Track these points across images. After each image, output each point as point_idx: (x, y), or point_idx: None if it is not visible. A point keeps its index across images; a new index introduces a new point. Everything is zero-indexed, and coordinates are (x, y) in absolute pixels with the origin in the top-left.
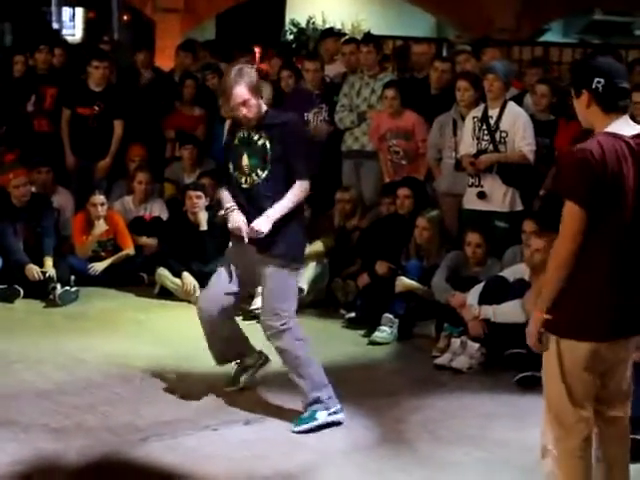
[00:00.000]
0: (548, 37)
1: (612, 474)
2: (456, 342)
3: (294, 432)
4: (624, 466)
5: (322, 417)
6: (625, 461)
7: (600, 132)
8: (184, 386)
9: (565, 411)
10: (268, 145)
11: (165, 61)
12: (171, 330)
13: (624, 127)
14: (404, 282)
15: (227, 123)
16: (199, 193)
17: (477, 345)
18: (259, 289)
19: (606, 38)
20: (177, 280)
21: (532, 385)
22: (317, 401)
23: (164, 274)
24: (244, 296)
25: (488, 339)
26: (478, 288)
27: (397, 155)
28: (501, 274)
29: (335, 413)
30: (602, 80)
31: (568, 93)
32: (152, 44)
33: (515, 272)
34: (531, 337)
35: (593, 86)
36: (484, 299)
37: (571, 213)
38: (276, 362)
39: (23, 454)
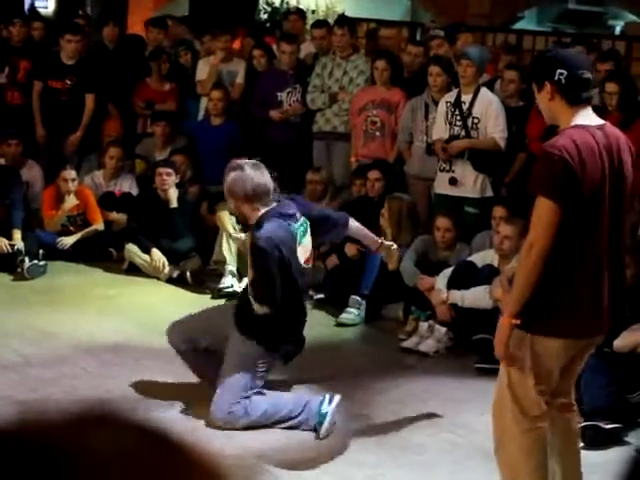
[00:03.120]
0: (522, 25)
1: (565, 460)
2: (423, 326)
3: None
4: (576, 451)
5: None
6: (576, 447)
7: (569, 126)
8: (151, 362)
9: (533, 404)
10: None
11: None
12: (139, 306)
13: (589, 119)
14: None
15: (203, 101)
16: (169, 170)
17: (444, 329)
18: (227, 267)
19: (580, 28)
20: (146, 256)
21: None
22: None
23: (133, 250)
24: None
25: (455, 324)
26: (447, 272)
27: (373, 126)
28: (470, 259)
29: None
30: (564, 72)
31: None
32: (124, 18)
33: (484, 258)
34: (500, 345)
35: (555, 77)
36: (453, 284)
37: (545, 210)
38: None
39: None
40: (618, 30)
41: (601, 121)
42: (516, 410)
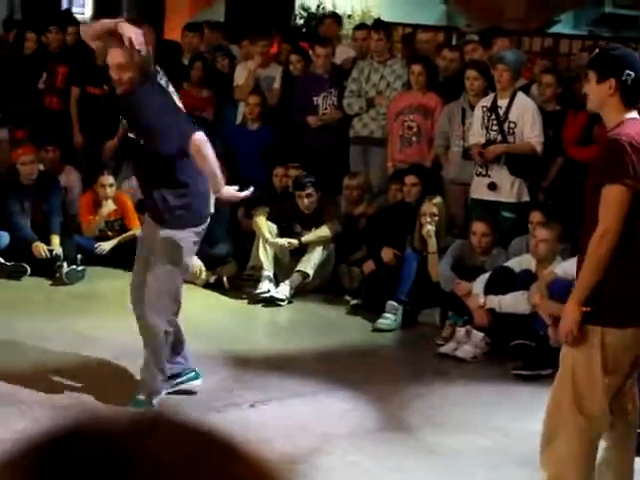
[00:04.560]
0: (558, 29)
1: (617, 467)
2: (461, 331)
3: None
4: (630, 460)
5: None
6: (631, 456)
7: (623, 119)
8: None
9: (594, 403)
10: None
11: None
12: None
13: (635, 115)
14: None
15: (241, 105)
16: None
17: (482, 335)
18: (264, 272)
19: (615, 31)
20: None
21: (532, 378)
22: None
23: None
24: None
25: (493, 329)
26: (484, 278)
27: (410, 131)
28: (507, 264)
29: None
30: (632, 74)
31: (573, 81)
32: (161, 23)
33: (521, 263)
34: (567, 332)
35: (623, 77)
36: (490, 289)
37: (616, 195)
38: (281, 347)
39: (27, 431)
40: None
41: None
42: (574, 408)
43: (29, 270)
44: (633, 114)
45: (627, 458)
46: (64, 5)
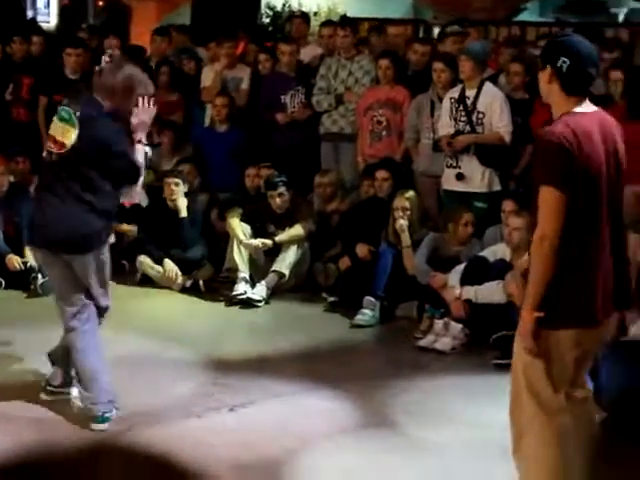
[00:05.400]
0: (525, 17)
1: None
2: (439, 323)
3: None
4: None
5: None
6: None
7: (564, 112)
8: (168, 373)
9: (551, 398)
10: None
11: None
12: (154, 317)
13: (585, 107)
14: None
15: (209, 107)
16: (177, 180)
17: (460, 326)
18: (240, 274)
19: (583, 17)
20: (158, 267)
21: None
22: None
23: (145, 261)
24: None
25: (470, 320)
26: (459, 269)
27: (379, 125)
28: (482, 254)
29: None
30: (568, 61)
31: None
32: (127, 30)
33: (496, 252)
34: (527, 339)
35: (558, 64)
36: (465, 280)
37: (550, 199)
38: (260, 348)
39: (6, 446)
40: (621, 18)
41: (595, 108)
42: (534, 405)
43: (3, 283)
44: (584, 106)
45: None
46: (29, 15)
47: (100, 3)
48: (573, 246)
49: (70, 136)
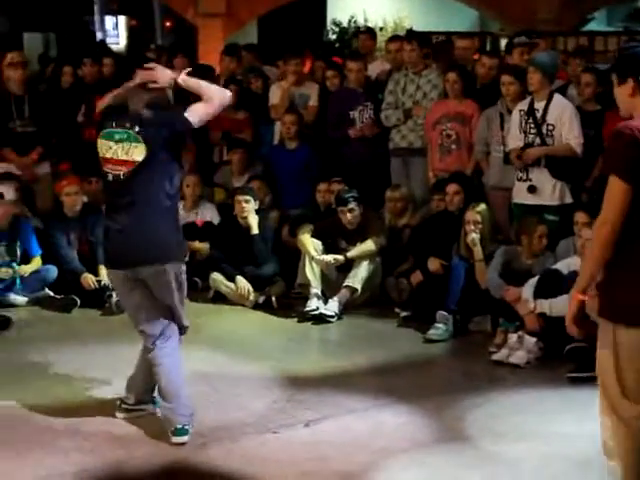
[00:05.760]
0: (592, 26)
1: None
2: (513, 337)
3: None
4: None
5: None
6: None
7: None
8: (243, 389)
9: (622, 405)
10: None
11: None
12: (227, 334)
13: None
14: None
15: (277, 125)
16: (247, 197)
17: (534, 340)
18: (312, 289)
19: None
20: (231, 284)
21: (588, 380)
22: None
23: (218, 279)
24: None
25: (545, 333)
26: (532, 282)
27: (448, 139)
28: (555, 267)
29: None
30: None
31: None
32: (195, 49)
33: (569, 265)
34: (569, 321)
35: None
36: (539, 293)
37: (614, 188)
38: (333, 364)
39: (87, 463)
40: None
41: None
42: (609, 410)
43: (79, 302)
44: None
45: None
46: (98, 37)
47: (168, 24)
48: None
49: (138, 152)
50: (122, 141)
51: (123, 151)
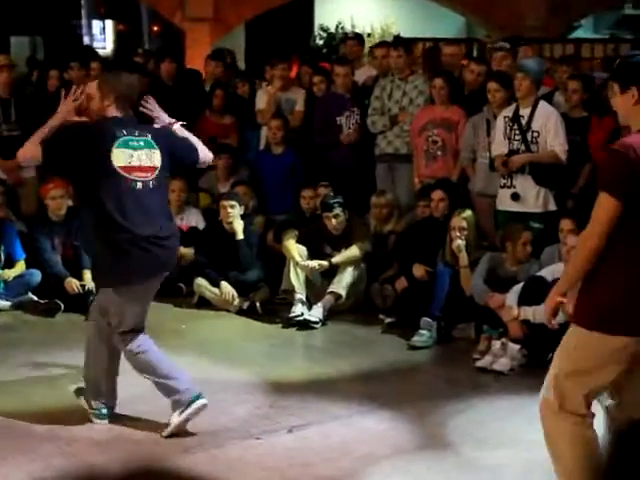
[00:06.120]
0: (579, 34)
1: None
2: (496, 344)
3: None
4: None
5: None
6: None
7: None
8: (226, 395)
9: (575, 399)
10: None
11: None
12: (211, 339)
13: None
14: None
15: (263, 130)
16: (232, 202)
17: (518, 347)
18: (296, 295)
19: (637, 33)
20: (215, 289)
21: None
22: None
23: (202, 284)
24: None
25: (528, 340)
26: (517, 289)
27: (434, 145)
28: (539, 274)
29: None
30: None
31: (600, 88)
32: (182, 53)
33: (554, 272)
34: (547, 314)
35: None
36: (523, 300)
37: (604, 203)
38: (317, 370)
39: (69, 468)
40: None
41: None
42: (556, 404)
43: (62, 307)
44: None
45: None
46: (85, 41)
47: (155, 28)
48: (629, 252)
49: (157, 157)
50: (141, 148)
51: (147, 157)
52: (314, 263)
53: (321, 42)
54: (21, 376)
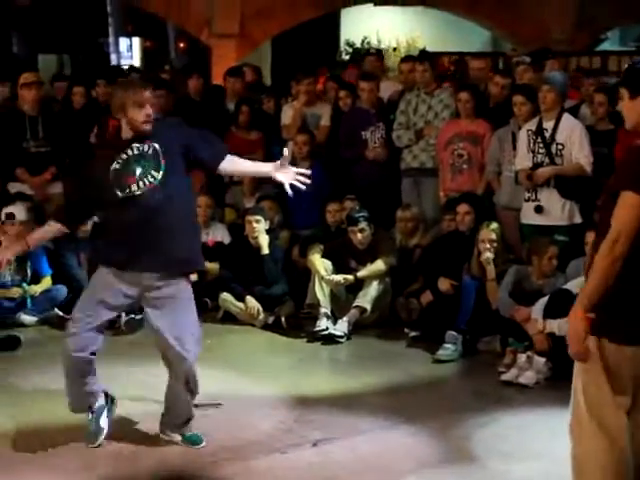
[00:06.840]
0: (605, 46)
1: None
2: (522, 357)
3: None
4: None
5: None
6: None
7: None
8: (252, 409)
9: (610, 415)
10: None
11: None
12: (237, 353)
13: None
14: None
15: (289, 145)
16: (258, 217)
17: (543, 360)
18: (322, 309)
19: None
20: (240, 304)
21: None
22: None
23: (228, 299)
24: None
25: (554, 353)
26: (542, 302)
27: (460, 159)
28: (565, 287)
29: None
30: None
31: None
32: (208, 70)
33: (579, 285)
34: (575, 342)
35: None
36: (549, 313)
37: (627, 202)
38: (342, 384)
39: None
40: None
41: None
42: (594, 428)
43: None
44: None
45: None
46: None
47: (181, 45)
48: None
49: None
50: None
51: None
52: (339, 277)
53: (347, 57)
54: (43, 390)
